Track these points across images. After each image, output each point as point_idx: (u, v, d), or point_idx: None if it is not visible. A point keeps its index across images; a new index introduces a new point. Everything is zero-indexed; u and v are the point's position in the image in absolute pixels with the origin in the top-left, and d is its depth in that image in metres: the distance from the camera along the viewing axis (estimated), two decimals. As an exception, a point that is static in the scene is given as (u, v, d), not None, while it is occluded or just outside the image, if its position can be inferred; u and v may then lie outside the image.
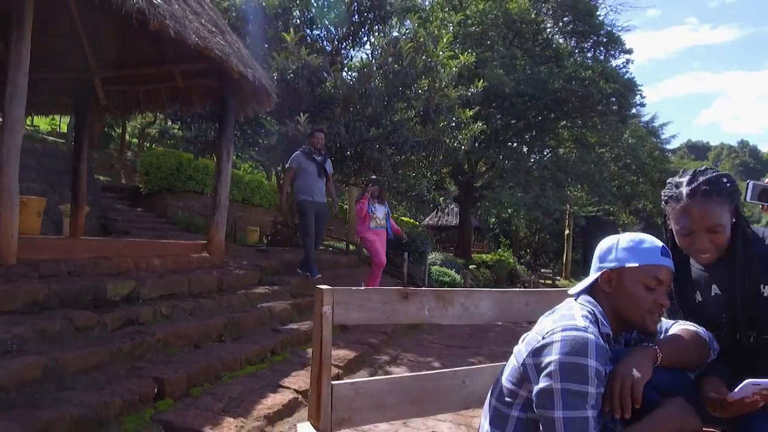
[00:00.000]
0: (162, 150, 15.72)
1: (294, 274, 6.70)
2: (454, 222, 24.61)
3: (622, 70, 19.45)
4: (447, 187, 18.28)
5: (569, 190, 22.19)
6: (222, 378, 3.45)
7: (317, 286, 1.53)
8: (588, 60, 19.55)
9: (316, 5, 9.75)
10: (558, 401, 1.25)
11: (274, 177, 12.57)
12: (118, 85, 6.78)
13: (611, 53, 20.90)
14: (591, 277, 1.51)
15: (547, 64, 17.60)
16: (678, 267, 1.60)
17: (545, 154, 22.03)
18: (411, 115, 9.22)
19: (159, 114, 12.18)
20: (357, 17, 9.72)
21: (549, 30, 20.72)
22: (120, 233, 9.93)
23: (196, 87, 6.55)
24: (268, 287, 5.80)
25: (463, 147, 10.02)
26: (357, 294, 1.55)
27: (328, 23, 10.00)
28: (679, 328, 1.57)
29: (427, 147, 9.26)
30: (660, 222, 2.15)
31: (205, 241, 6.02)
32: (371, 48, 9.68)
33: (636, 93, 18.81)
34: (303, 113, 7.89)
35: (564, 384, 1.26)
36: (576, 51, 20.74)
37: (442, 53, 9.27)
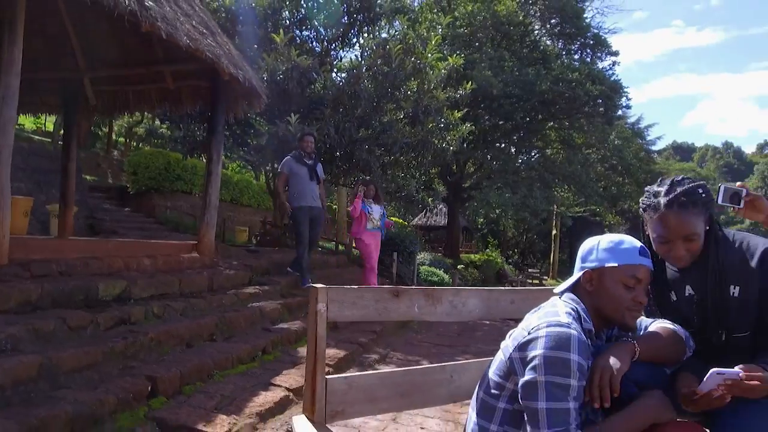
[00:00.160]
0: (150, 150, 15.63)
1: (284, 274, 6.73)
2: (442, 222, 24.72)
3: (608, 72, 19.68)
4: (435, 188, 18.41)
5: (556, 190, 22.40)
6: (214, 376, 3.49)
7: (312, 285, 1.59)
8: (575, 62, 19.75)
9: (306, 6, 9.78)
10: (542, 393, 1.33)
11: (263, 177, 12.55)
12: (107, 85, 6.76)
13: (598, 55, 21.15)
14: (574, 277, 1.59)
15: (535, 65, 17.76)
16: (655, 269, 1.68)
17: (533, 154, 22.21)
18: (400, 116, 9.30)
19: (147, 113, 12.13)
20: (346, 18, 9.77)
21: (537, 32, 20.90)
22: (107, 233, 9.88)
23: (186, 88, 6.56)
24: (258, 287, 5.83)
25: (452, 148, 10.11)
26: (350, 292, 1.61)
27: (317, 24, 10.04)
28: (658, 326, 1.65)
29: (416, 148, 9.34)
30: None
31: (195, 242, 6.04)
32: (360, 49, 9.73)
33: (622, 95, 18.97)
34: (293, 114, 7.91)
35: (548, 377, 1.33)
36: (563, 53, 20.92)
37: (430, 55, 9.34)
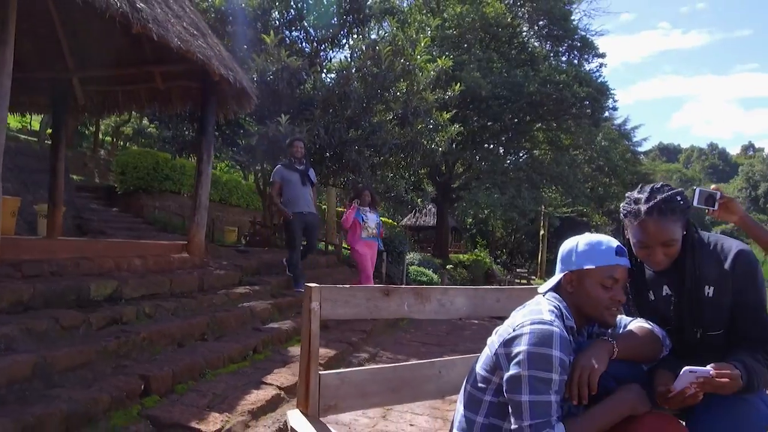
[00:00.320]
0: (138, 149, 15.55)
1: (274, 274, 6.76)
2: (431, 222, 24.82)
3: (595, 74, 19.87)
4: (425, 188, 18.54)
5: (544, 191, 22.58)
6: (206, 375, 3.53)
7: (306, 284, 1.65)
8: (562, 64, 19.95)
9: (295, 7, 9.81)
10: (525, 386, 1.41)
11: (251, 177, 12.54)
12: (96, 85, 6.75)
13: (585, 57, 21.34)
14: (556, 277, 1.67)
15: (523, 67, 17.92)
16: (634, 270, 1.78)
17: (521, 155, 22.39)
18: (389, 117, 9.38)
19: (135, 113, 12.07)
20: (336, 19, 9.81)
21: (525, 34, 21.06)
22: (95, 233, 9.82)
23: (176, 88, 6.56)
24: (248, 287, 5.86)
25: (441, 149, 10.21)
26: (343, 291, 1.68)
27: (307, 25, 10.07)
28: (636, 325, 1.73)
29: (405, 149, 9.42)
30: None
31: (185, 242, 6.05)
32: (350, 50, 9.79)
33: (608, 97, 19.19)
34: (283, 114, 7.94)
35: (531, 371, 1.42)
36: (551, 55, 21.10)
37: (420, 57, 9.42)
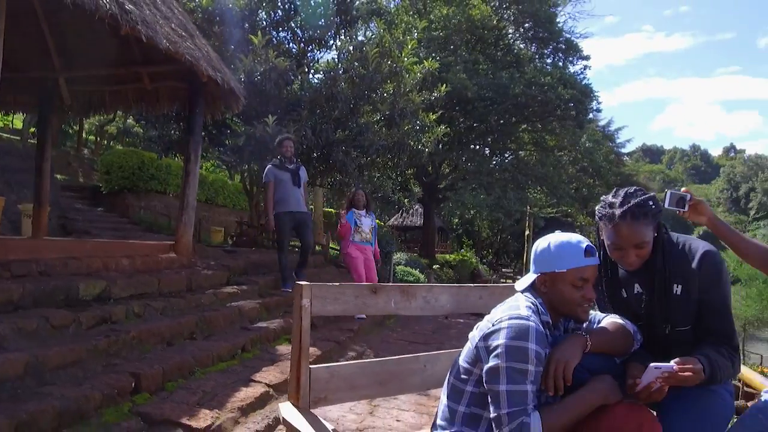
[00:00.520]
0: (124, 149, 15.47)
1: (262, 274, 6.80)
2: (418, 222, 24.96)
3: (579, 76, 20.20)
4: (411, 189, 18.65)
5: (529, 191, 22.86)
6: (195, 373, 3.58)
7: (297, 282, 1.72)
8: (547, 66, 20.22)
9: (283, 8, 9.84)
10: (503, 377, 1.51)
11: (237, 177, 12.52)
12: (83, 85, 6.74)
13: (570, 59, 21.67)
14: (531, 277, 1.76)
15: (509, 69, 18.13)
16: (608, 269, 1.91)
17: (506, 156, 22.65)
18: (376, 119, 9.45)
19: (120, 112, 12.00)
20: (323, 21, 9.86)
21: (510, 36, 21.32)
22: (80, 233, 9.78)
23: (163, 88, 6.57)
24: (236, 287, 5.90)
25: (427, 149, 10.31)
26: (332, 288, 1.76)
27: (294, 26, 10.11)
28: (608, 320, 1.84)
29: (392, 149, 9.50)
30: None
31: (173, 242, 6.07)
32: (338, 52, 9.84)
33: (592, 99, 19.50)
34: (270, 115, 7.97)
35: (509, 363, 1.51)
36: (536, 57, 21.38)
37: (406, 59, 9.51)
